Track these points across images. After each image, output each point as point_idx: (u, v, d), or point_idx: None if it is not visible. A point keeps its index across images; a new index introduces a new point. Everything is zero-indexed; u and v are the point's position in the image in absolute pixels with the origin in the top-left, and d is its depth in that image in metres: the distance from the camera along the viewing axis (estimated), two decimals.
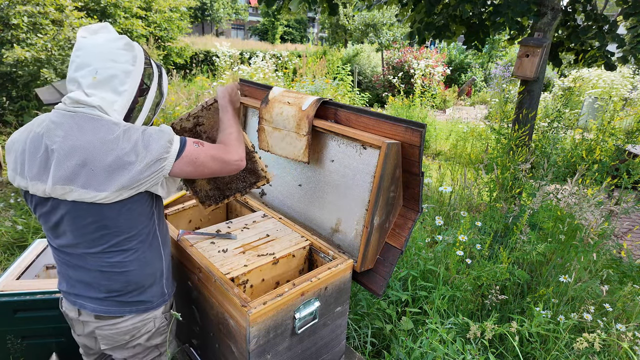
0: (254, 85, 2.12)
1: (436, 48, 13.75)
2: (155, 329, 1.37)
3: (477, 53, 10.73)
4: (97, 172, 1.09)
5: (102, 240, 1.20)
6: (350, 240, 1.71)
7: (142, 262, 1.27)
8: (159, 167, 1.15)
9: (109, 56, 1.14)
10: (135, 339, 1.34)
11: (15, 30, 5.33)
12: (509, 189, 2.84)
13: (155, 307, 1.35)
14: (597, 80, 9.31)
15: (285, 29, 29.91)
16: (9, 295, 1.86)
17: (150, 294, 1.33)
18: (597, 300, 2.29)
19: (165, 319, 1.41)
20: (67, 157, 1.09)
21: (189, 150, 1.21)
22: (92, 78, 1.13)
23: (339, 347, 1.79)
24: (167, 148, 1.16)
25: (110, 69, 1.14)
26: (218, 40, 14.18)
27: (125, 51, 1.17)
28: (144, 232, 1.26)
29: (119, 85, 1.15)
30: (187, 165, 1.21)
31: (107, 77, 1.14)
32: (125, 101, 1.18)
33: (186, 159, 1.20)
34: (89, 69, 1.13)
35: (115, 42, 1.16)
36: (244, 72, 7.42)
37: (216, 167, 1.28)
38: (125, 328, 1.31)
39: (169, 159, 1.16)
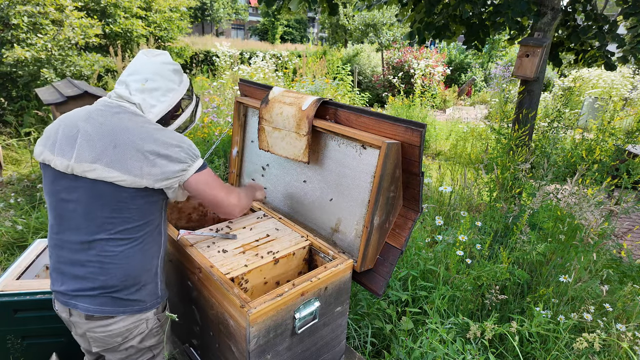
0: (254, 85, 2.12)
1: (436, 48, 13.76)
2: (148, 331, 1.37)
3: (477, 53, 10.73)
4: (126, 155, 1.19)
5: (110, 225, 1.23)
6: (350, 240, 1.71)
7: (144, 254, 1.30)
8: (181, 169, 1.26)
9: (160, 72, 1.34)
10: (128, 340, 1.33)
11: (15, 30, 5.33)
12: (509, 189, 2.84)
13: (149, 307, 1.34)
14: (597, 80, 9.31)
15: (285, 29, 29.91)
16: (9, 295, 1.86)
17: (145, 293, 1.33)
18: (597, 300, 2.29)
19: (158, 320, 1.40)
20: (101, 138, 1.20)
21: (206, 173, 1.35)
22: (140, 84, 1.31)
23: (339, 347, 1.79)
24: (193, 157, 1.30)
25: (158, 82, 1.33)
26: (218, 40, 14.18)
27: (174, 74, 1.38)
28: (152, 224, 1.32)
29: (161, 96, 1.34)
30: (199, 184, 1.32)
31: (154, 87, 1.32)
32: (162, 109, 1.35)
33: (202, 177, 1.33)
34: (140, 76, 1.32)
35: (169, 65, 1.37)
36: (244, 72, 7.42)
37: (219, 197, 1.39)
38: (117, 330, 1.29)
39: (190, 169, 1.29)
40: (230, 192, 1.43)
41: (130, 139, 1.20)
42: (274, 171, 2.08)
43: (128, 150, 1.19)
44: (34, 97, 5.73)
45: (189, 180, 1.30)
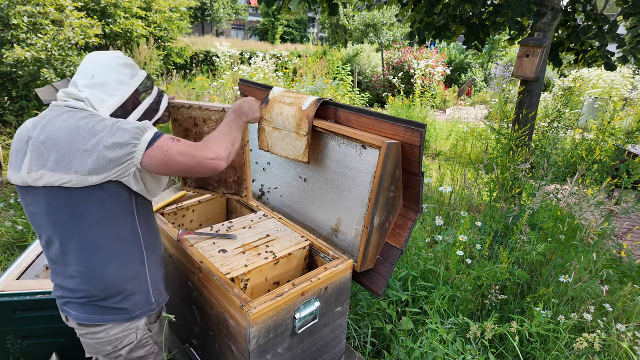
0: (254, 85, 2.12)
1: (436, 48, 13.75)
2: (137, 341, 1.33)
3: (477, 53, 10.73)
4: (67, 154, 1.11)
5: (76, 235, 1.18)
6: (350, 240, 1.71)
7: (120, 263, 1.24)
8: (128, 152, 1.13)
9: (108, 66, 1.26)
10: (117, 350, 1.31)
11: (15, 30, 5.33)
12: (509, 189, 2.84)
13: (139, 316, 1.30)
14: (597, 80, 9.31)
15: (285, 29, 29.91)
16: (9, 295, 1.86)
17: (133, 301, 1.28)
18: (597, 300, 2.29)
19: (149, 331, 1.36)
20: (42, 143, 1.14)
21: (161, 142, 1.18)
22: (88, 80, 1.23)
23: (339, 347, 1.79)
24: (137, 134, 1.15)
25: (106, 77, 1.24)
26: (218, 40, 14.17)
27: (124, 67, 1.29)
28: (120, 229, 1.22)
29: (112, 90, 1.25)
30: (156, 157, 1.17)
31: (102, 81, 1.23)
32: (114, 103, 1.24)
33: (156, 150, 1.16)
34: (87, 73, 1.24)
35: (117, 58, 1.28)
36: (244, 72, 7.42)
37: (187, 162, 1.20)
38: (106, 338, 1.28)
39: (139, 147, 1.14)
40: (200, 147, 1.23)
41: (72, 136, 1.12)
42: (274, 171, 2.08)
43: (69, 148, 1.11)
44: (34, 97, 5.73)
45: (143, 161, 1.16)
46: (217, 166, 1.24)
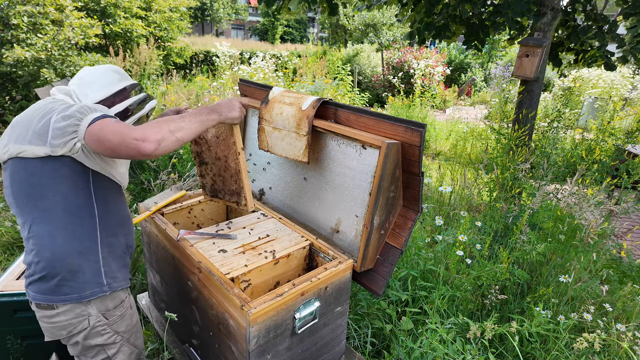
0: (254, 85, 2.12)
1: (436, 48, 13.75)
2: (90, 327, 1.33)
3: (477, 53, 10.73)
4: (27, 127, 1.23)
5: (32, 205, 1.24)
6: (350, 240, 1.71)
7: (68, 234, 1.26)
8: (71, 124, 1.18)
9: (99, 72, 1.41)
10: (73, 336, 1.33)
11: (15, 30, 5.33)
12: (509, 189, 2.84)
13: (88, 296, 1.30)
14: (597, 80, 9.31)
15: (285, 29, 29.91)
16: (9, 295, 1.86)
17: (82, 280, 1.29)
18: (597, 300, 2.29)
19: (105, 319, 1.35)
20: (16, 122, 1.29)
21: (103, 121, 1.18)
22: (78, 79, 1.39)
23: (339, 347, 1.79)
24: (85, 111, 1.20)
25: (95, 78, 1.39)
26: (218, 40, 14.18)
27: (113, 72, 1.43)
28: (72, 202, 1.26)
29: (98, 88, 1.38)
30: (94, 134, 1.17)
31: (90, 80, 1.38)
32: (96, 97, 1.37)
33: (95, 127, 1.17)
34: (79, 76, 1.41)
35: (109, 67, 1.44)
36: (244, 72, 7.42)
37: (114, 140, 1.14)
38: (60, 323, 1.31)
39: (83, 121, 1.18)
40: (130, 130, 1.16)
41: (35, 113, 1.25)
42: (274, 171, 2.08)
43: (30, 122, 1.23)
44: (34, 97, 5.73)
45: (85, 137, 1.18)
46: (141, 148, 1.13)
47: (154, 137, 1.16)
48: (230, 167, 1.70)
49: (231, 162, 1.67)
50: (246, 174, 1.69)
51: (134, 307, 1.50)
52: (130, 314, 1.46)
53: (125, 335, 1.43)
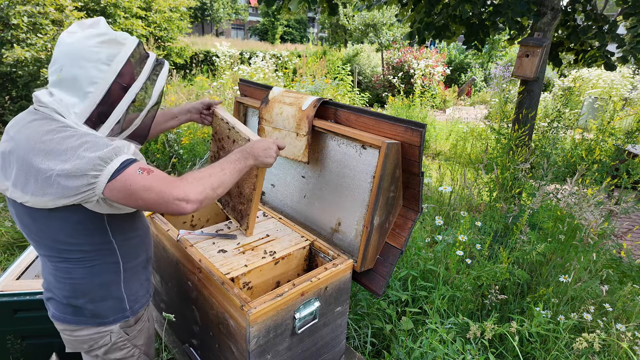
0: (254, 85, 2.12)
1: (436, 48, 13.75)
2: (111, 344, 1.29)
3: (477, 53, 10.73)
4: (25, 172, 1.02)
5: (45, 246, 1.14)
6: (350, 240, 1.71)
7: (89, 271, 1.18)
8: (86, 183, 1.00)
9: (79, 53, 1.03)
10: (94, 350, 1.30)
11: (15, 30, 5.33)
12: (509, 189, 2.84)
13: (111, 322, 1.26)
14: (597, 80, 9.31)
15: (285, 29, 29.92)
16: (9, 295, 1.86)
17: (104, 308, 1.24)
18: (597, 300, 2.29)
19: (126, 334, 1.32)
20: (10, 153, 1.06)
21: (126, 175, 1.02)
22: (56, 76, 1.05)
23: (339, 347, 1.79)
24: (99, 166, 1.00)
25: (76, 68, 1.03)
26: (218, 40, 14.19)
27: (100, 48, 1.04)
28: (87, 243, 1.14)
29: (85, 86, 1.05)
30: (118, 191, 1.03)
31: (72, 75, 1.04)
32: (88, 104, 1.06)
33: (119, 183, 1.02)
34: (56, 66, 1.05)
35: (91, 38, 1.04)
36: (244, 72, 7.42)
37: (151, 199, 1.04)
38: (82, 338, 1.26)
39: (100, 178, 1.01)
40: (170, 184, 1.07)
41: (31, 154, 1.01)
42: (274, 171, 2.08)
43: (27, 166, 1.01)
44: None
45: (105, 192, 1.03)
46: (183, 209, 1.07)
47: (197, 197, 1.09)
48: (244, 192, 1.69)
49: (247, 189, 1.66)
50: (257, 205, 1.67)
51: (151, 319, 1.46)
52: (148, 327, 1.42)
53: (142, 347, 1.40)
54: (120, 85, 1.09)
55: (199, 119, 1.79)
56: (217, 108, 1.76)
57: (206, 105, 1.76)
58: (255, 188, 1.60)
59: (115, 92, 1.09)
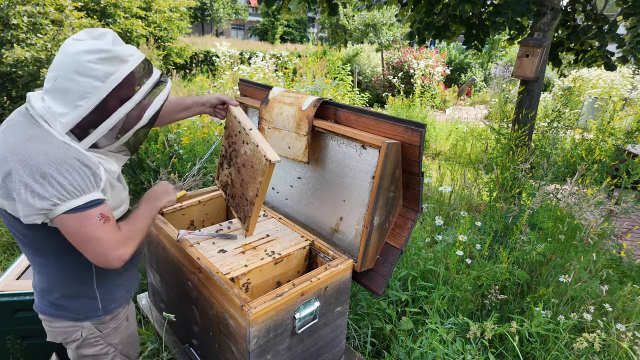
0: (254, 85, 2.12)
1: (436, 48, 13.75)
2: (82, 339, 1.31)
3: (477, 53, 10.73)
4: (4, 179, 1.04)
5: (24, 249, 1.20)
6: (350, 240, 1.71)
7: (60, 268, 1.23)
8: (44, 207, 1.03)
9: (74, 67, 1.03)
10: (68, 343, 1.33)
11: (15, 30, 5.33)
12: (508, 189, 2.84)
13: (83, 319, 1.29)
14: (597, 80, 9.31)
15: (285, 29, 29.92)
16: (9, 295, 1.86)
17: (78, 304, 1.27)
18: (597, 300, 2.29)
19: (98, 331, 1.33)
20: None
21: (85, 216, 1.06)
22: (51, 84, 1.06)
23: (339, 347, 1.79)
24: (63, 197, 1.02)
25: (69, 82, 1.04)
26: (218, 40, 14.19)
27: (99, 65, 1.04)
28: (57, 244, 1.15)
29: (76, 99, 1.05)
30: (69, 227, 1.07)
31: (63, 88, 1.04)
32: (75, 116, 1.06)
33: (73, 221, 1.06)
34: (52, 74, 1.06)
35: (92, 53, 1.04)
36: (243, 72, 7.42)
37: (92, 249, 1.10)
38: (57, 329, 1.30)
39: (58, 208, 1.03)
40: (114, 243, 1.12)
41: (11, 161, 1.02)
42: (274, 171, 2.08)
43: (6, 173, 1.03)
44: None
45: (55, 220, 1.06)
46: (111, 266, 1.14)
47: (127, 257, 1.17)
48: (247, 196, 1.70)
49: (250, 191, 1.67)
50: (259, 209, 1.68)
51: (131, 318, 1.46)
52: (126, 326, 1.42)
53: (119, 346, 1.41)
54: (116, 99, 1.09)
55: (212, 112, 1.80)
56: (233, 107, 1.76)
57: (221, 101, 1.77)
58: (258, 194, 1.61)
59: (110, 105, 1.09)
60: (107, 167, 1.17)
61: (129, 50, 1.11)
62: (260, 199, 1.63)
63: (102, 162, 1.15)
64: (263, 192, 1.61)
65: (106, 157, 1.19)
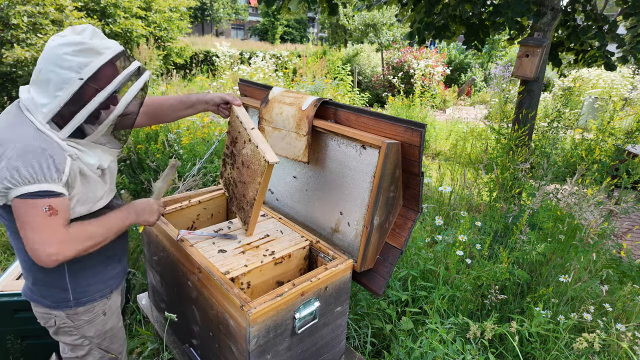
0: (254, 85, 2.12)
1: (436, 48, 13.76)
2: (56, 327, 1.35)
3: (477, 53, 10.72)
4: None
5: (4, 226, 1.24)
6: (350, 240, 1.71)
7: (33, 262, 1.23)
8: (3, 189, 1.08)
9: (53, 60, 1.10)
10: (48, 328, 1.37)
11: (15, 30, 5.33)
12: (508, 189, 2.84)
13: (53, 307, 1.32)
14: (597, 80, 9.32)
15: (285, 29, 29.93)
16: (9, 296, 1.86)
17: (49, 292, 1.30)
18: (597, 300, 2.29)
19: (71, 322, 1.34)
20: None
21: (31, 203, 1.08)
22: (36, 76, 1.13)
23: (339, 347, 1.79)
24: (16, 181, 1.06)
25: (50, 73, 1.10)
26: (218, 40, 14.18)
27: (74, 57, 1.09)
28: None
29: (54, 90, 1.11)
30: (17, 211, 1.10)
31: (45, 79, 1.11)
32: (55, 106, 1.11)
33: (23, 206, 1.08)
34: (37, 67, 1.13)
35: (69, 46, 1.09)
36: (243, 72, 7.42)
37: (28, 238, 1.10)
38: (38, 313, 1.36)
39: (12, 192, 1.08)
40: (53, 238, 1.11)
41: None
42: (274, 171, 2.08)
43: None
44: None
45: (13, 204, 1.10)
46: (45, 264, 1.12)
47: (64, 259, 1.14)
48: (247, 196, 1.70)
49: (250, 191, 1.67)
50: (259, 209, 1.68)
51: (110, 312, 1.44)
52: (103, 320, 1.41)
53: (94, 340, 1.41)
54: (93, 89, 1.14)
55: (215, 110, 1.81)
56: (236, 107, 1.76)
57: (225, 100, 1.77)
58: (257, 196, 1.61)
59: (87, 95, 1.13)
60: (85, 160, 1.19)
61: (106, 43, 1.15)
62: (260, 199, 1.63)
63: (80, 155, 1.18)
64: (262, 192, 1.61)
65: (88, 149, 1.21)
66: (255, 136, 1.61)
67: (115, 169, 1.42)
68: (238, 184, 1.78)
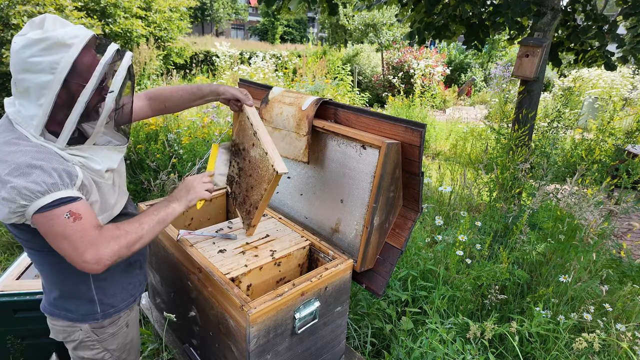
0: (254, 85, 2.12)
1: (436, 48, 13.75)
2: (79, 341, 1.30)
3: (477, 53, 10.73)
4: None
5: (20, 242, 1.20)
6: (350, 240, 1.71)
7: (55, 268, 1.21)
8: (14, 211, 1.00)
9: (22, 66, 0.98)
10: (68, 342, 1.33)
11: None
12: (508, 189, 2.84)
13: (80, 320, 1.28)
14: (597, 80, 9.32)
15: (285, 29, 29.94)
16: (9, 295, 1.86)
17: (75, 305, 1.26)
18: (597, 300, 2.29)
19: (95, 335, 1.31)
20: None
21: (52, 214, 1.01)
22: (15, 89, 1.03)
23: (339, 347, 1.79)
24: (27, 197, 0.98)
25: (25, 82, 0.99)
26: (218, 40, 14.18)
27: (41, 57, 0.96)
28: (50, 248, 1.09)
29: (36, 99, 1.00)
30: (41, 226, 1.03)
31: (24, 89, 1.01)
32: (42, 115, 1.01)
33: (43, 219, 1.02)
34: (12, 79, 1.02)
35: (30, 47, 0.96)
36: (243, 72, 7.43)
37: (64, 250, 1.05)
38: (57, 328, 1.31)
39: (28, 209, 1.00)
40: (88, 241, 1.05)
41: None
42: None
43: None
44: None
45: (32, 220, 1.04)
46: (89, 270, 1.06)
47: (110, 259, 1.08)
48: (252, 196, 1.68)
49: (255, 194, 1.66)
50: (262, 213, 1.66)
51: (132, 324, 1.43)
52: (125, 333, 1.40)
53: (115, 352, 1.39)
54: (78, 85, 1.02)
55: (226, 103, 1.76)
56: (248, 108, 1.73)
57: (237, 98, 1.70)
58: (262, 201, 1.59)
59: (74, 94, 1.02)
60: (91, 167, 1.12)
61: (72, 31, 1.01)
62: (264, 204, 1.61)
63: (86, 162, 1.11)
64: (267, 199, 1.59)
65: (92, 154, 1.13)
66: (265, 142, 1.55)
67: (123, 171, 1.35)
68: (242, 184, 1.77)
